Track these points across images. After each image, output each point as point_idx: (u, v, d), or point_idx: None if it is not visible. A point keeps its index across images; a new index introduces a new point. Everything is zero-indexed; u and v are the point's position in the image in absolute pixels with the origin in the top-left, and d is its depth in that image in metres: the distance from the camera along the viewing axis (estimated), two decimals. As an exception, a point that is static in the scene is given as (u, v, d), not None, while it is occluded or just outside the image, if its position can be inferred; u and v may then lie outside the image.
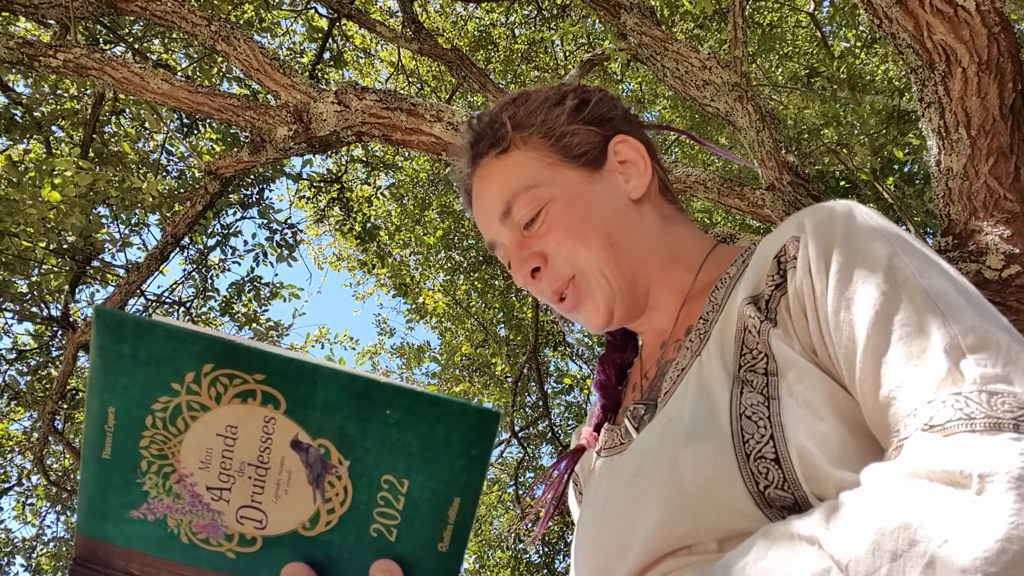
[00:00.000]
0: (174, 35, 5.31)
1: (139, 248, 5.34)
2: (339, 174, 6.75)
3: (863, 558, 0.47)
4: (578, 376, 8.31)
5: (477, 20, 7.35)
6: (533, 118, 0.84)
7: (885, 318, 0.57)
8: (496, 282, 7.61)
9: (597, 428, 0.85)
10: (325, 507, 0.56)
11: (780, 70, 7.73)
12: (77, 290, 4.97)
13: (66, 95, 5.06)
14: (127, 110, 5.27)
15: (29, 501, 6.93)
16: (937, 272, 0.60)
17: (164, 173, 5.62)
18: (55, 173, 3.91)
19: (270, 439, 0.55)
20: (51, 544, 7.07)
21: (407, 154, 7.34)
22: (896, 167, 7.48)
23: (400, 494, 0.56)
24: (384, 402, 0.53)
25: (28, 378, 5.20)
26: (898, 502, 0.48)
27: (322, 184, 6.62)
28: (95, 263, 4.92)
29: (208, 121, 5.41)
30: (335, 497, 0.56)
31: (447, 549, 0.57)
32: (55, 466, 6.36)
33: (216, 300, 5.98)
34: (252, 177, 5.57)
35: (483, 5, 6.93)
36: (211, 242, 5.79)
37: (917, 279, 0.58)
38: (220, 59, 5.21)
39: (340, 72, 6.22)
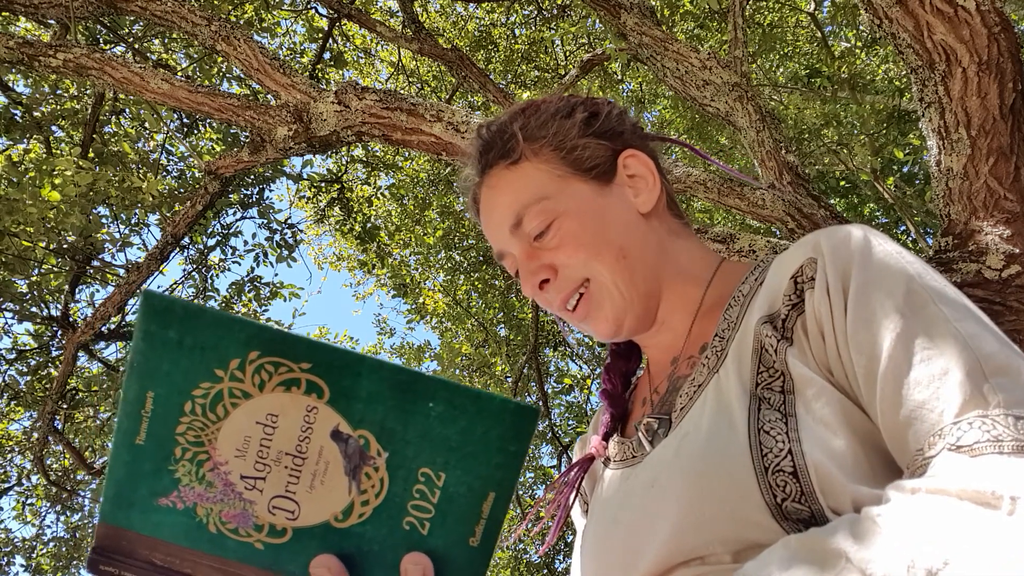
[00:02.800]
0: (174, 35, 5.31)
1: (139, 248, 5.35)
2: (339, 174, 6.75)
3: (897, 575, 0.47)
4: (578, 376, 8.31)
5: (477, 20, 7.35)
6: (544, 130, 0.84)
7: (906, 340, 0.58)
8: (496, 282, 7.61)
9: (606, 438, 0.85)
10: (360, 499, 0.56)
11: (780, 70, 7.73)
12: (77, 290, 4.96)
13: (66, 95, 5.06)
14: (127, 110, 5.27)
15: (29, 501, 6.93)
16: (955, 298, 0.61)
17: (164, 173, 5.62)
18: (55, 173, 3.91)
19: (310, 428, 0.54)
20: (51, 544, 7.07)
21: (407, 154, 7.34)
22: (896, 167, 7.48)
23: (436, 487, 0.56)
24: (427, 395, 0.54)
25: (28, 378, 5.19)
26: (930, 520, 0.49)
27: (322, 184, 6.62)
28: (95, 263, 4.92)
29: (208, 121, 5.41)
30: (370, 489, 0.56)
31: (478, 544, 0.57)
32: (55, 466, 6.36)
33: (216, 300, 5.98)
34: (252, 177, 5.57)
35: (483, 5, 6.93)
36: (211, 242, 5.79)
37: (936, 304, 0.60)
38: (220, 59, 5.21)
39: (340, 72, 6.22)
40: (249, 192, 5.71)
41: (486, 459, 0.55)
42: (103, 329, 4.02)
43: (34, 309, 4.66)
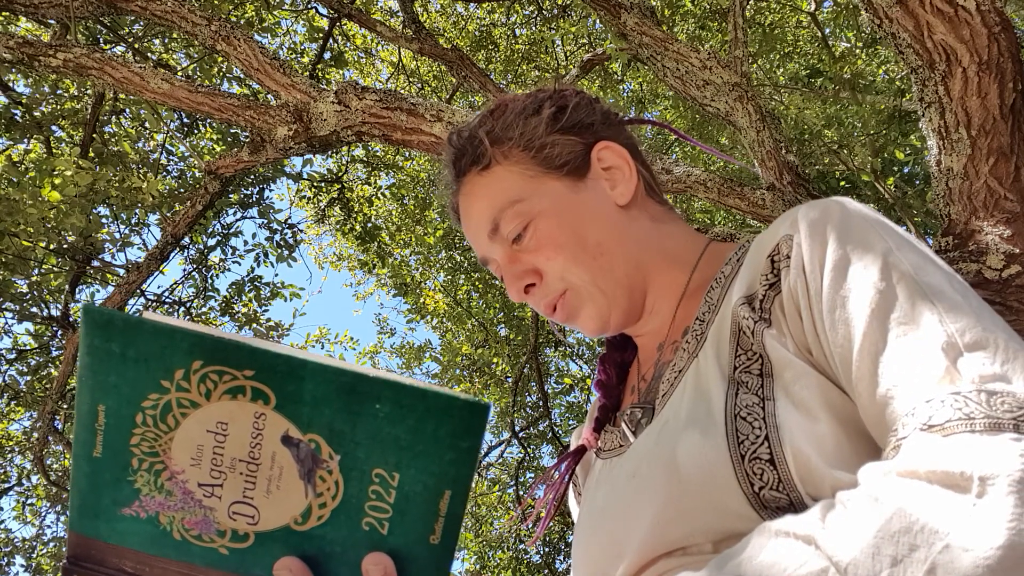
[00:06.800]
0: (174, 35, 5.31)
1: (139, 248, 5.35)
2: (339, 174, 6.75)
3: (863, 561, 0.47)
4: (578, 376, 8.31)
5: (478, 20, 7.35)
6: (511, 131, 0.83)
7: (882, 316, 0.57)
8: (496, 282, 7.61)
9: (598, 428, 0.85)
10: (317, 502, 0.56)
11: (781, 70, 7.72)
12: (77, 290, 4.96)
13: (66, 95, 5.06)
14: (127, 110, 5.26)
15: (29, 501, 6.93)
16: (934, 269, 0.59)
17: (164, 173, 5.62)
18: (55, 173, 3.90)
19: (261, 435, 0.55)
20: (51, 544, 7.07)
21: (408, 154, 7.34)
22: (897, 168, 7.48)
23: (391, 487, 0.56)
24: (373, 396, 0.53)
25: (28, 378, 5.20)
26: (897, 504, 0.48)
27: (322, 184, 6.62)
28: (95, 263, 4.92)
29: (208, 121, 5.41)
30: (326, 491, 0.56)
31: (439, 541, 0.57)
32: (55, 466, 6.35)
33: (216, 300, 5.98)
34: (252, 177, 5.57)
35: (484, 5, 6.93)
36: (211, 242, 5.79)
37: (914, 276, 0.58)
38: (220, 59, 5.21)
39: (340, 72, 6.22)
40: (249, 192, 5.71)
41: (438, 457, 0.55)
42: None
43: (34, 309, 4.66)
